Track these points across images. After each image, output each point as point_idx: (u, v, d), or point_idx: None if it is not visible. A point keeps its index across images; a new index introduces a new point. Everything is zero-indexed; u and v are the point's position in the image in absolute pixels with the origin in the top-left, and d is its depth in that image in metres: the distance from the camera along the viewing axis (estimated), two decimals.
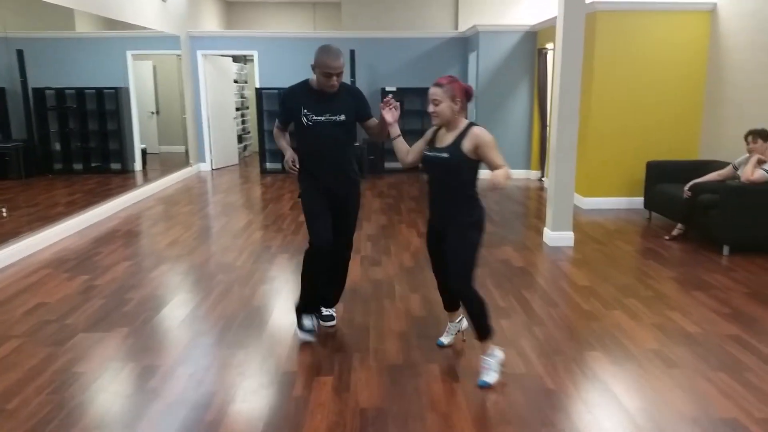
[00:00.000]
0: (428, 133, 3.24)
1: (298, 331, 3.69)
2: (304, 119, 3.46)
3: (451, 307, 3.52)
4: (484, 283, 4.68)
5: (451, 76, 3.09)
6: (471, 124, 3.06)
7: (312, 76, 3.47)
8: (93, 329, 3.79)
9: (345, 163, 3.61)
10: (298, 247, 5.70)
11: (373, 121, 3.63)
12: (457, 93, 3.01)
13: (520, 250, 5.60)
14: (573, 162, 5.69)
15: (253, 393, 3.04)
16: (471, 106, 9.56)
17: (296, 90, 3.54)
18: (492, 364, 3.14)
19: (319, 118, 3.46)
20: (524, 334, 3.74)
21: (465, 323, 3.58)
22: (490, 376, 3.12)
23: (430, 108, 3.04)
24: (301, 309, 3.67)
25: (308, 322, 3.65)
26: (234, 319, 3.97)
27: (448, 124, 3.08)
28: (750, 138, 5.53)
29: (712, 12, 7.12)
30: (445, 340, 3.57)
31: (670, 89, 7.32)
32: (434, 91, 3.02)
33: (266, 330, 3.81)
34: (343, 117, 3.49)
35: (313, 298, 3.68)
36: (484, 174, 2.88)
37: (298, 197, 3.68)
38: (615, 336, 3.71)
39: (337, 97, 3.49)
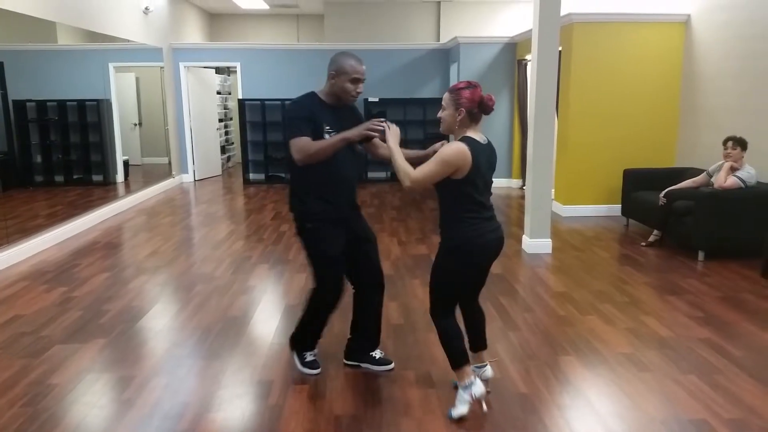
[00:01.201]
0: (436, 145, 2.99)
1: (303, 369, 3.35)
2: (327, 137, 3.00)
3: (474, 346, 3.13)
4: None
5: (470, 81, 2.78)
6: (462, 139, 2.73)
7: (319, 88, 3.12)
8: (69, 341, 3.78)
9: (357, 186, 3.29)
10: (279, 257, 5.71)
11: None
12: (464, 102, 2.71)
13: (498, 257, 5.63)
14: (550, 170, 5.77)
15: (227, 402, 3.05)
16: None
17: (313, 103, 3.06)
18: (461, 396, 2.87)
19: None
20: (499, 340, 3.78)
21: (489, 371, 3.16)
22: (456, 409, 2.86)
23: (438, 113, 2.84)
24: (305, 347, 3.39)
25: (311, 356, 3.39)
26: (211, 330, 3.97)
27: (455, 135, 2.81)
28: (730, 144, 5.60)
29: (686, 23, 7.26)
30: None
31: (646, 98, 7.43)
32: (444, 96, 2.80)
33: (243, 340, 3.82)
34: None
35: (318, 336, 3.42)
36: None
37: (298, 234, 3.18)
38: (589, 341, 3.76)
39: (347, 112, 3.17)
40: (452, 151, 2.67)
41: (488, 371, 3.14)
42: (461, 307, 3.10)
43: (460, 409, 2.86)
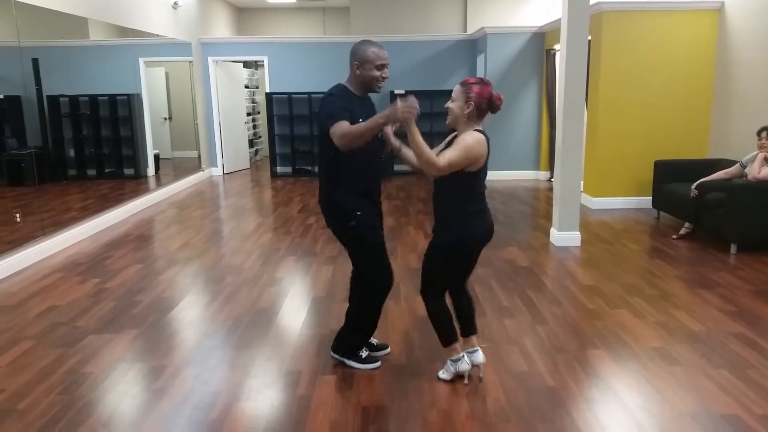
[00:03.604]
0: (448, 138, 3.02)
1: (365, 366, 3.32)
2: None
3: (465, 331, 3.22)
4: (489, 282, 4.71)
5: (483, 78, 2.89)
6: (473, 132, 2.84)
7: (343, 80, 3.13)
8: (102, 331, 3.87)
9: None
10: (306, 249, 5.76)
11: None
12: (473, 96, 2.81)
13: (526, 250, 5.61)
14: (579, 162, 5.71)
15: (257, 392, 3.09)
16: None
17: (347, 95, 3.07)
18: (449, 367, 3.14)
19: None
20: (527, 333, 3.76)
21: (480, 356, 3.19)
22: (444, 374, 3.16)
23: (447, 104, 2.92)
24: (359, 346, 3.37)
25: (366, 352, 3.37)
26: (241, 321, 4.03)
27: (459, 129, 2.91)
28: (764, 134, 5.48)
29: (720, 10, 7.09)
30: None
31: (677, 88, 7.29)
32: (455, 88, 2.89)
33: (272, 330, 3.86)
34: None
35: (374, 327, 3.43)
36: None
37: (337, 231, 3.21)
38: (618, 334, 3.72)
39: (370, 103, 3.21)
40: (475, 140, 2.79)
41: (479, 356, 3.18)
42: (450, 294, 3.20)
43: (446, 375, 3.15)
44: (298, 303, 4.36)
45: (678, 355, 3.43)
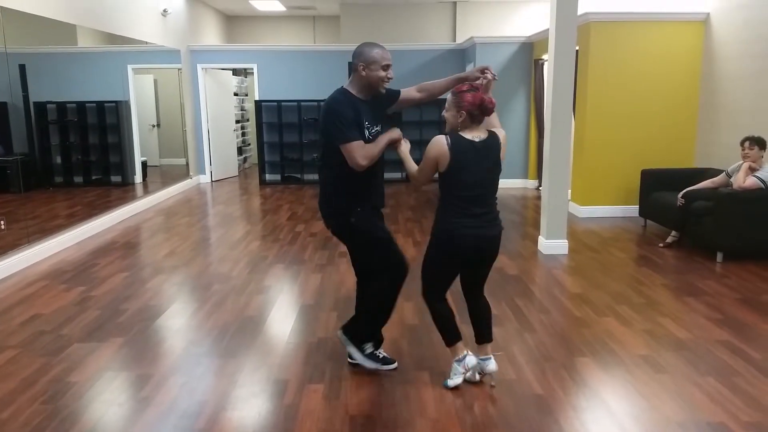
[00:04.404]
0: None
1: (361, 359, 3.31)
2: (366, 132, 3.05)
3: (479, 338, 3.25)
4: None
5: (472, 84, 2.95)
6: (435, 138, 2.93)
7: (345, 83, 3.13)
8: (87, 339, 3.83)
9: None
10: (294, 257, 5.74)
11: (411, 91, 3.35)
12: (464, 104, 2.86)
13: (514, 259, 5.63)
14: (567, 170, 5.74)
15: (243, 401, 3.07)
16: None
17: (351, 101, 3.06)
18: (455, 369, 3.14)
19: (375, 129, 3.13)
20: (515, 341, 3.77)
21: (492, 365, 3.19)
22: (452, 380, 3.15)
23: (442, 113, 3.00)
24: (364, 338, 3.33)
25: (371, 348, 3.34)
26: (227, 329, 4.00)
27: None
28: (747, 144, 5.55)
29: (705, 22, 7.18)
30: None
31: (664, 98, 7.36)
32: (447, 98, 2.95)
33: (259, 339, 3.84)
34: (381, 125, 3.22)
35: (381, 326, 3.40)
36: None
37: (339, 233, 3.24)
38: (605, 342, 3.73)
39: (374, 102, 3.17)
40: (431, 144, 2.92)
41: (492, 365, 3.18)
42: (465, 300, 3.27)
43: (455, 380, 3.14)
44: (286, 311, 4.34)
45: (665, 362, 3.45)
